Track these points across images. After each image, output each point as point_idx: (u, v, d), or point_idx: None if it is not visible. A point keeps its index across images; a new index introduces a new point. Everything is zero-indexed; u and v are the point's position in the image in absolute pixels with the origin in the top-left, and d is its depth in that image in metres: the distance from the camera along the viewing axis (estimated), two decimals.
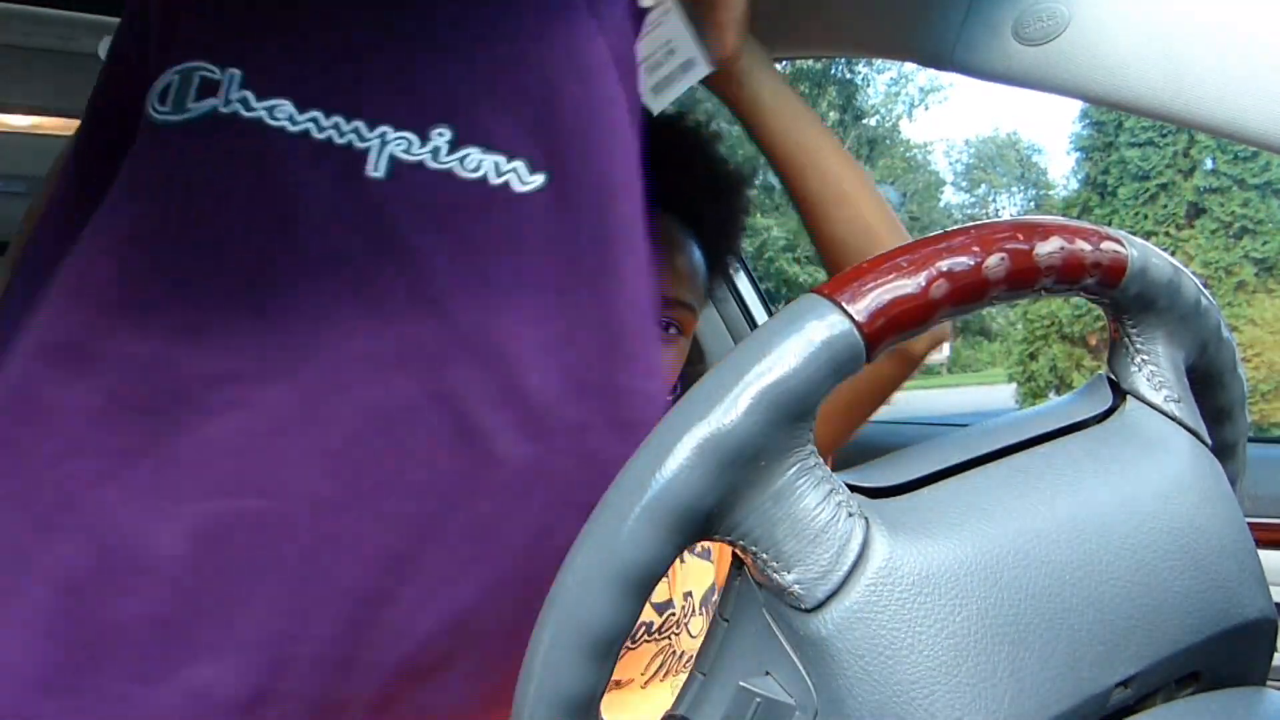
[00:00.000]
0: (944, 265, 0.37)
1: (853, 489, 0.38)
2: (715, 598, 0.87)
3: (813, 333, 0.35)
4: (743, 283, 1.48)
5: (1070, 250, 0.41)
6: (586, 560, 0.35)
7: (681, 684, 0.83)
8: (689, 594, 0.84)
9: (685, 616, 0.83)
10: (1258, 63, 0.65)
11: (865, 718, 0.35)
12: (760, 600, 0.37)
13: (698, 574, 0.85)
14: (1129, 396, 0.46)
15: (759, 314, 1.48)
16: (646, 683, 0.80)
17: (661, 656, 0.81)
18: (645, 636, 0.80)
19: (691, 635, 0.84)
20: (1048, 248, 0.40)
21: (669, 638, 0.82)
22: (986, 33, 0.77)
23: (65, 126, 1.42)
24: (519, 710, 0.36)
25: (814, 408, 0.36)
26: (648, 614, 0.79)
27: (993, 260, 0.38)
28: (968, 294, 0.38)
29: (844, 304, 0.36)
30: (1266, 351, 9.07)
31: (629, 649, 0.78)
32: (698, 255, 0.82)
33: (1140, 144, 10.44)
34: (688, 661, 0.82)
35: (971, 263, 0.38)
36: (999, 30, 0.76)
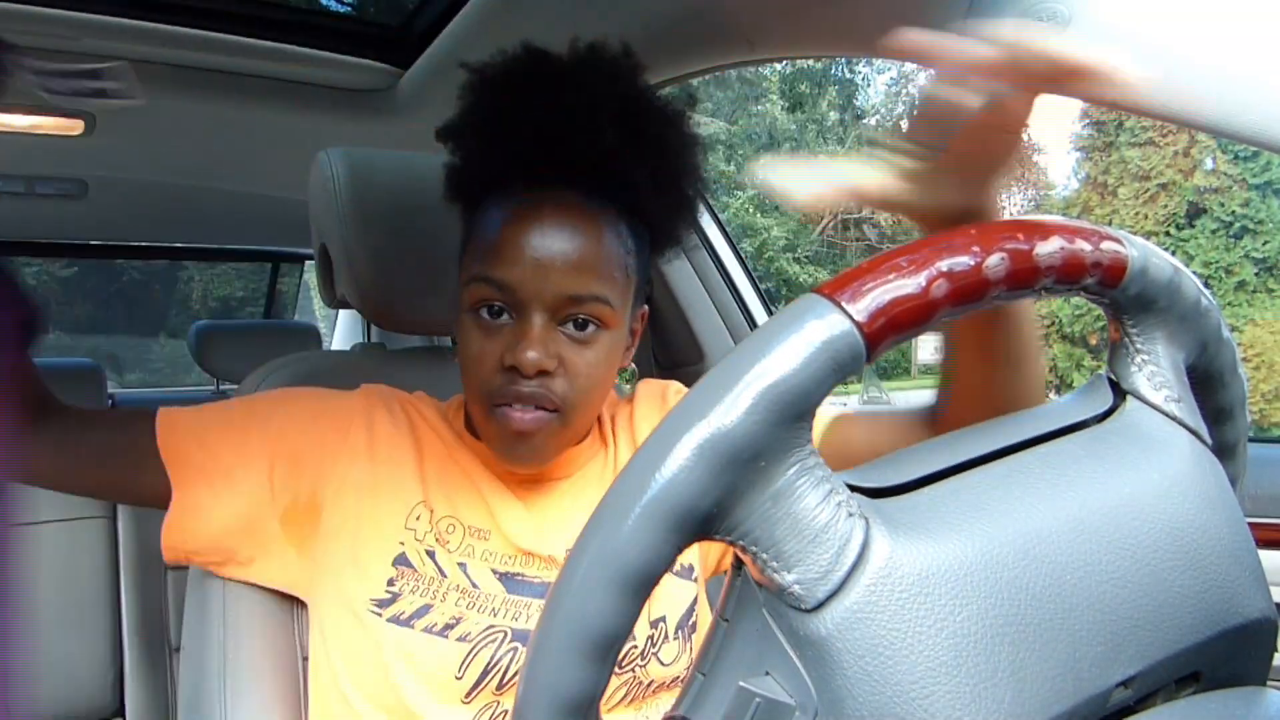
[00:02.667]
0: (944, 265, 0.37)
1: (853, 489, 0.38)
2: (693, 620, 0.82)
3: (813, 332, 0.35)
4: (743, 283, 1.48)
5: (1071, 250, 0.41)
6: (587, 561, 0.35)
7: (650, 707, 0.79)
8: (660, 620, 0.80)
9: (654, 646, 0.79)
10: (1257, 63, 0.65)
11: (865, 718, 0.35)
12: (760, 600, 0.37)
13: (675, 596, 0.81)
14: (1129, 396, 0.46)
15: (759, 314, 1.48)
16: (610, 709, 0.77)
17: (626, 688, 0.78)
18: None
19: (663, 663, 0.79)
20: (1048, 247, 0.40)
21: (631, 670, 0.78)
22: None
23: (65, 126, 1.42)
24: (519, 711, 0.36)
25: (814, 407, 0.36)
26: None
27: (993, 260, 0.38)
28: (968, 294, 0.38)
29: (844, 304, 0.35)
30: (1266, 351, 9.07)
31: None
32: (615, 239, 0.75)
33: (1140, 144, 10.45)
34: (657, 688, 0.79)
35: (972, 262, 0.38)
36: None
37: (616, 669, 0.75)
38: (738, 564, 0.38)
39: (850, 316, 0.35)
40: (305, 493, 0.79)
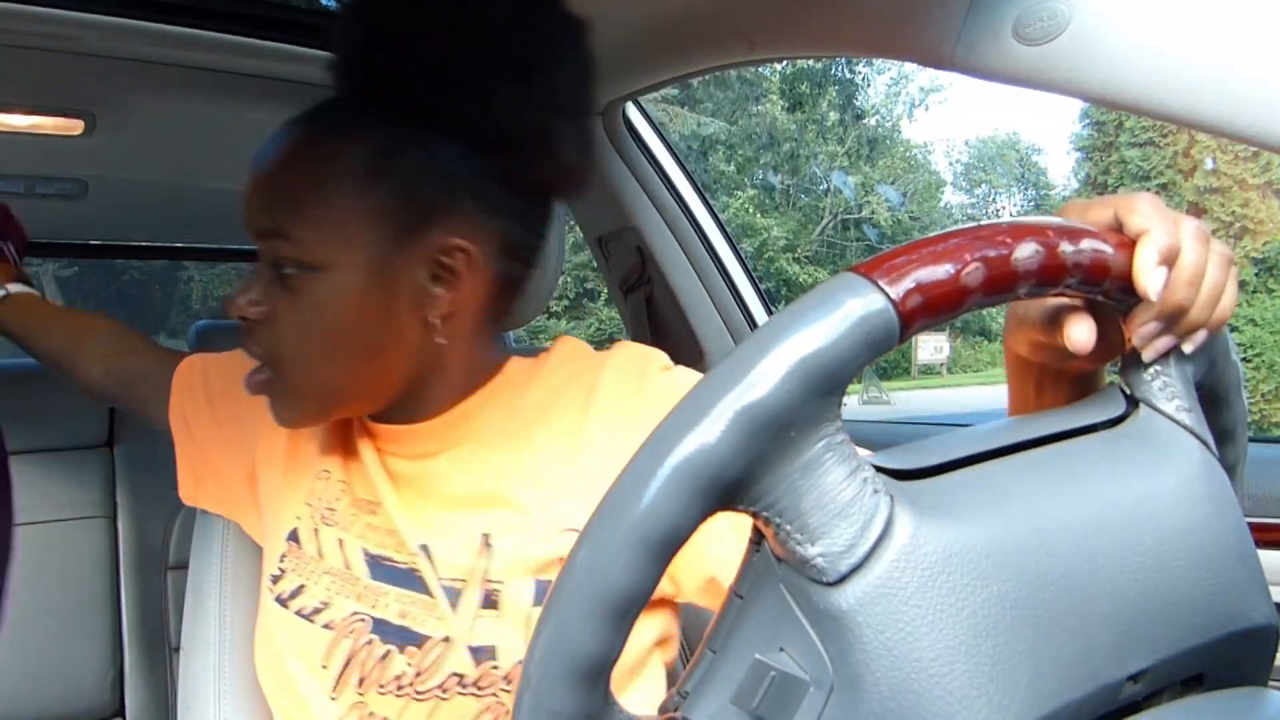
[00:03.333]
0: (979, 253, 0.38)
1: (878, 470, 0.38)
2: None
3: (849, 308, 0.35)
4: (743, 283, 1.48)
5: (1098, 252, 0.42)
6: (611, 522, 0.35)
7: None
8: None
9: None
10: (1257, 62, 0.65)
11: (882, 693, 0.35)
12: (778, 575, 0.37)
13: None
14: (1141, 404, 0.47)
15: (759, 314, 1.48)
16: None
17: (491, 715, 0.67)
18: (459, 688, 0.66)
19: None
20: (1077, 247, 0.41)
21: (495, 694, 0.66)
22: (986, 33, 0.77)
23: (65, 126, 1.42)
24: (527, 671, 0.36)
25: (846, 382, 0.36)
26: (460, 663, 0.66)
27: (1025, 252, 0.39)
28: (999, 283, 0.38)
29: (881, 282, 0.36)
30: (1266, 351, 9.08)
31: (439, 698, 0.67)
32: (332, 158, 0.63)
33: (1140, 144, 10.47)
34: None
35: (1005, 253, 0.38)
36: (999, 30, 0.76)
37: (474, 689, 0.67)
38: (757, 539, 0.38)
39: (887, 295, 0.36)
40: (249, 458, 0.80)
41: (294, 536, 0.74)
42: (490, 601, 0.66)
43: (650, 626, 0.69)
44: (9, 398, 1.87)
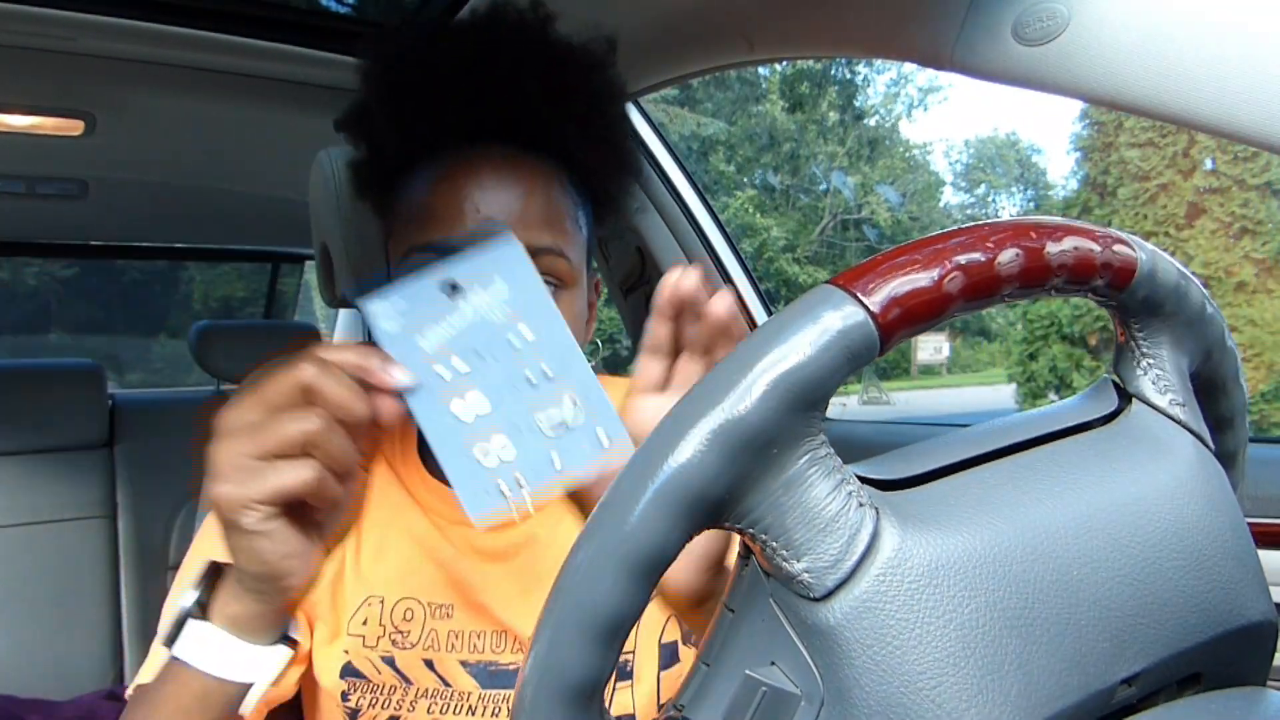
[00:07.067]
0: (959, 259, 0.37)
1: (863, 480, 0.38)
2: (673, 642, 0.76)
3: (828, 321, 0.35)
4: (743, 283, 1.48)
5: (1083, 250, 0.41)
6: (596, 544, 0.35)
7: None
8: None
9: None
10: (1257, 63, 0.65)
11: (872, 708, 0.35)
12: (768, 590, 0.37)
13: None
14: (1134, 399, 0.46)
15: (759, 314, 1.48)
16: None
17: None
18: None
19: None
20: (1060, 247, 0.41)
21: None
22: (986, 33, 0.77)
23: (65, 126, 1.42)
24: (521, 696, 0.36)
25: (827, 397, 0.36)
26: None
27: (1006, 256, 0.39)
28: (981, 289, 0.38)
29: (859, 294, 0.36)
30: (1266, 352, 9.08)
31: None
32: (561, 189, 0.70)
33: (1140, 144, 10.46)
34: None
35: (986, 258, 0.38)
36: (999, 30, 0.76)
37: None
38: (745, 554, 0.38)
39: (865, 307, 0.35)
40: None
41: (352, 672, 0.68)
42: (625, 673, 0.68)
43: None
44: (10, 398, 1.87)
